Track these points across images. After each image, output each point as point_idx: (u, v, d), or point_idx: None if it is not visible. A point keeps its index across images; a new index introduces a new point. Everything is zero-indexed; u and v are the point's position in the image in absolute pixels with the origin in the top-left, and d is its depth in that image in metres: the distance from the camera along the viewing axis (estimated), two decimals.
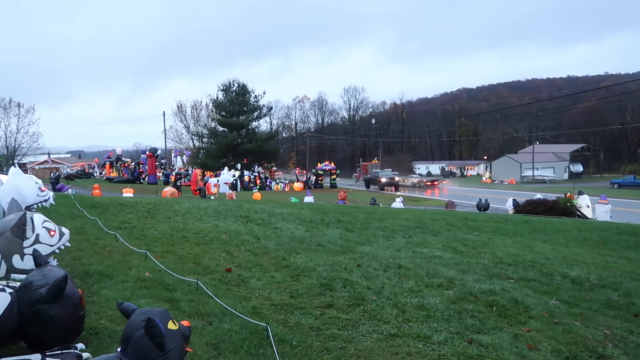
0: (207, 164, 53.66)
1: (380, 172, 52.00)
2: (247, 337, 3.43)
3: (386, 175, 50.18)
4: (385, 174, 51.17)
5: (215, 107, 60.59)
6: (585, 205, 18.93)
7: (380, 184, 47.18)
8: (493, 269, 6.09)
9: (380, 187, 46.73)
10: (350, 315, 4.07)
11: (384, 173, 51.80)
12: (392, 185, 46.95)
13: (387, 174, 51.32)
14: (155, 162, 40.48)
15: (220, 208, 11.48)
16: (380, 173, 51.42)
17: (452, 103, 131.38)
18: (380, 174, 50.51)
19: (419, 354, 3.32)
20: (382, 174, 50.47)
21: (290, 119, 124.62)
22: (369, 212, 12.74)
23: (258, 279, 5.15)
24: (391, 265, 5.99)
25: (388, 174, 50.99)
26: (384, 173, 51.80)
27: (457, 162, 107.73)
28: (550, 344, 3.56)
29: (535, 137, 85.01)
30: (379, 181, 47.79)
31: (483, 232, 9.91)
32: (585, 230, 10.89)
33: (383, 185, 46.78)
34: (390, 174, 51.42)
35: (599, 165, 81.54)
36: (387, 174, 50.74)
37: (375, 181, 49.44)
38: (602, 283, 5.57)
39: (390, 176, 49.87)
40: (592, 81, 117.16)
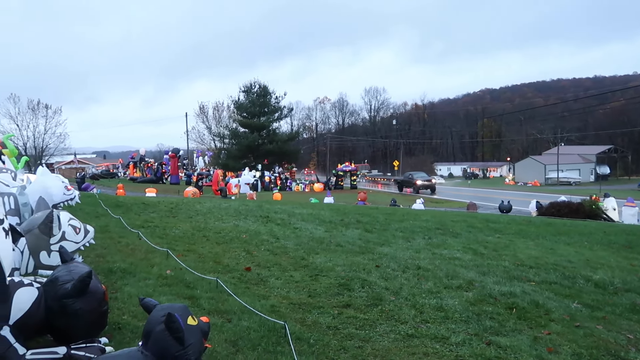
0: (229, 164, 54.17)
1: (415, 175, 48.77)
2: (265, 334, 3.48)
3: (422, 177, 47.31)
4: (420, 176, 48.25)
5: (237, 108, 61.17)
6: (612, 208, 18.51)
7: (416, 186, 44.30)
8: (514, 271, 6.02)
9: (416, 190, 43.86)
10: (368, 315, 4.08)
11: (420, 175, 48.72)
12: (429, 187, 44.36)
13: (423, 176, 48.42)
14: (177, 163, 41.06)
15: (241, 208, 11.60)
16: (416, 175, 48.38)
17: (475, 104, 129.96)
18: (416, 176, 47.53)
19: (436, 354, 3.32)
20: (418, 176, 47.53)
21: (311, 120, 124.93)
22: (389, 213, 12.70)
23: (277, 278, 5.20)
24: (410, 266, 5.98)
25: (424, 176, 48.13)
26: (420, 175, 48.72)
27: (480, 163, 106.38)
28: (571, 348, 3.51)
29: (560, 138, 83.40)
30: (414, 184, 44.94)
31: (505, 234, 9.79)
32: (610, 234, 10.67)
33: (419, 188, 43.95)
34: (426, 177, 48.75)
35: (627, 167, 79.58)
36: (423, 176, 47.76)
37: (409, 184, 46.65)
38: (626, 287, 5.46)
39: (427, 178, 47.29)
40: (620, 81, 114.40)
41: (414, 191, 43.78)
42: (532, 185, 64.27)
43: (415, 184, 44.95)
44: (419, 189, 43.99)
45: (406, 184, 47.60)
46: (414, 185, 45.06)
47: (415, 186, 44.47)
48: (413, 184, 45.42)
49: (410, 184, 46.43)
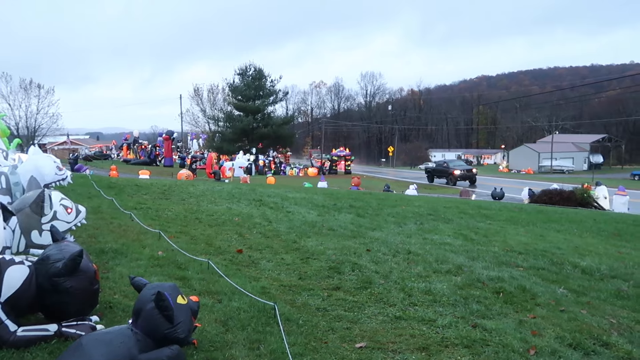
0: (223, 147, 54.05)
1: (451, 163, 40.75)
2: (255, 315, 3.52)
3: (460, 166, 39.16)
4: (458, 164, 40.43)
5: (232, 91, 60.81)
6: (603, 196, 18.68)
7: (453, 177, 36.58)
8: (503, 257, 6.10)
9: (453, 182, 36.37)
10: (357, 298, 4.14)
11: (457, 164, 40.91)
12: (468, 178, 36.60)
13: (460, 164, 40.69)
14: (171, 145, 40.88)
15: (234, 191, 11.61)
16: (452, 164, 40.20)
17: (471, 91, 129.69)
18: (452, 165, 39.37)
19: (423, 336, 3.38)
20: (455, 165, 39.58)
21: (307, 104, 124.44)
22: (382, 199, 12.76)
23: (268, 260, 5.25)
24: (400, 251, 6.04)
25: (462, 165, 40.48)
26: (457, 164, 40.91)
27: (474, 150, 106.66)
28: (555, 331, 3.59)
29: (555, 126, 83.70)
30: (452, 174, 36.92)
31: (496, 220, 9.87)
32: (600, 222, 10.79)
33: (456, 179, 36.40)
34: (464, 165, 41.33)
35: (620, 157, 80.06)
36: (460, 165, 40.08)
37: (444, 173, 38.64)
38: (612, 273, 5.54)
39: (466, 167, 39.21)
40: (616, 70, 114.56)
41: (450, 182, 36.69)
42: (526, 173, 64.60)
43: (452, 174, 36.95)
44: (457, 180, 36.42)
45: (439, 173, 39.97)
46: (450, 176, 37.23)
47: (452, 177, 36.77)
48: (449, 174, 37.47)
49: (444, 173, 38.67)
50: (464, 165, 40.67)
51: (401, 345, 3.22)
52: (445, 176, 38.17)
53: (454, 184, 36.18)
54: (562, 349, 3.27)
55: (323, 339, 3.26)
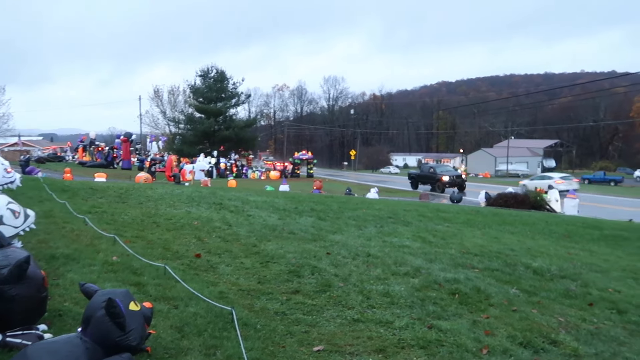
0: (183, 150, 53.15)
1: (438, 168, 37.51)
2: (212, 320, 3.47)
3: (448, 172, 36.20)
4: (446, 169, 37.53)
5: (193, 93, 59.91)
6: (554, 199, 19.43)
7: (442, 183, 33.02)
8: (459, 259, 6.25)
9: (441, 189, 32.57)
10: (316, 301, 4.15)
11: (444, 169, 37.84)
12: (457, 185, 33.02)
13: (448, 170, 37.77)
14: (129, 147, 39.88)
15: (194, 195, 11.42)
16: (439, 169, 37.04)
17: (431, 96, 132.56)
18: (439, 170, 36.02)
19: (380, 338, 3.42)
20: (443, 170, 36.26)
21: (269, 107, 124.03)
22: (343, 202, 12.84)
23: (227, 264, 5.19)
24: (360, 254, 6.09)
25: (451, 171, 37.47)
26: (444, 169, 37.84)
27: (434, 154, 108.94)
28: (507, 330, 3.70)
29: (511, 131, 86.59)
30: (440, 180, 33.41)
31: (453, 223, 10.10)
32: (552, 224, 11.21)
33: (445, 185, 32.79)
34: (453, 171, 38.21)
35: (571, 161, 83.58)
36: (449, 171, 37.00)
37: (431, 179, 34.99)
38: (562, 274, 5.77)
39: (455, 173, 36.32)
40: (568, 78, 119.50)
41: (438, 189, 32.79)
42: (483, 177, 66.48)
43: (440, 180, 33.40)
44: (445, 186, 32.71)
45: (425, 179, 36.22)
46: (438, 183, 33.53)
47: (440, 183, 33.14)
48: (437, 180, 33.87)
49: (431, 179, 35.01)
50: (453, 171, 37.70)
51: (359, 348, 3.25)
52: (432, 182, 34.56)
53: (442, 191, 32.60)
54: (513, 348, 3.37)
55: (281, 343, 3.25)
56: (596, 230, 10.43)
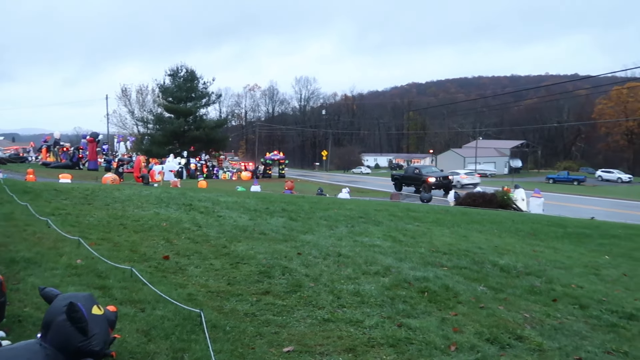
0: (152, 150, 52.17)
1: (424, 169, 35.89)
2: (180, 323, 3.41)
3: (434, 173, 34.40)
4: (432, 171, 35.70)
5: (162, 93, 58.84)
6: (521, 198, 19.90)
7: (428, 185, 31.09)
8: (429, 257, 6.32)
9: (427, 191, 29.40)
10: (287, 302, 4.12)
11: (430, 170, 36.11)
12: (444, 187, 31.59)
13: (434, 171, 35.94)
14: (96, 148, 38.91)
15: (163, 196, 11.22)
16: (425, 170, 35.37)
17: (402, 97, 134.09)
18: (425, 172, 34.31)
19: (350, 337, 3.42)
20: (428, 172, 34.47)
21: (241, 108, 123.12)
22: (315, 202, 12.84)
23: (196, 266, 5.11)
24: (331, 254, 6.10)
25: (437, 172, 35.43)
26: (430, 170, 36.11)
27: (405, 154, 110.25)
28: (474, 327, 3.76)
29: (479, 132, 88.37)
30: (426, 182, 31.66)
31: (423, 222, 10.23)
32: (518, 222, 11.48)
33: (431, 187, 30.72)
34: (439, 172, 36.02)
35: (537, 161, 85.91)
36: (435, 172, 35.12)
37: (416, 181, 33.29)
38: (527, 271, 5.91)
39: (442, 174, 34.33)
40: (533, 81, 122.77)
41: (424, 192, 29.14)
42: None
43: (426, 182, 31.60)
44: (431, 188, 30.66)
45: (409, 181, 34.56)
46: (424, 185, 31.56)
47: (427, 185, 31.15)
48: (422, 182, 32.10)
49: (416, 181, 33.34)
50: (439, 172, 35.83)
51: (329, 348, 3.24)
52: (417, 184, 32.85)
53: (428, 191, 30.06)
54: (480, 344, 3.43)
55: (250, 345, 3.21)
56: (560, 228, 10.73)
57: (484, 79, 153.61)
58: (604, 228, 11.31)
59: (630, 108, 79.19)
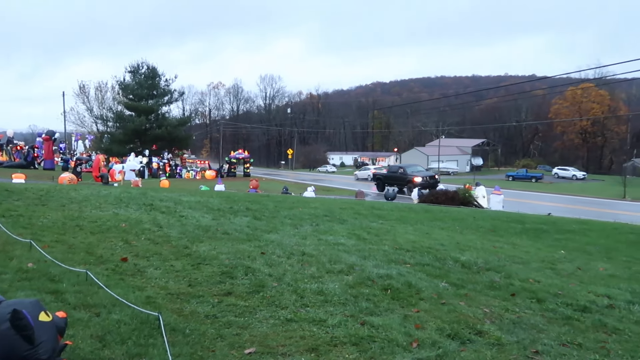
0: (112, 149, 50.71)
1: (408, 168, 33.32)
2: (137, 327, 3.30)
3: (420, 172, 32.14)
4: (417, 170, 33.06)
5: (122, 90, 57.21)
6: (482, 195, 20.40)
7: (412, 185, 28.70)
8: (392, 255, 6.37)
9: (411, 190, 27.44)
10: (249, 302, 4.06)
11: (416, 169, 33.37)
12: (431, 187, 28.52)
13: (420, 170, 33.42)
14: (52, 146, 37.54)
15: (123, 195, 10.92)
16: (410, 169, 32.93)
17: (367, 96, 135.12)
18: (410, 171, 32.11)
19: (313, 337, 3.39)
20: (413, 171, 32.20)
21: (205, 106, 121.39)
22: (279, 201, 12.77)
23: (156, 268, 4.97)
24: (295, 253, 6.06)
25: (422, 171, 33.11)
26: (416, 169, 33.37)
27: (370, 153, 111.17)
28: (436, 323, 3.79)
29: (442, 131, 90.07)
30: (412, 182, 29.64)
31: (387, 220, 10.32)
32: (479, 219, 11.75)
33: (417, 187, 27.11)
34: (424, 171, 33.83)
35: (497, 159, 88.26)
36: (420, 171, 32.82)
37: (401, 181, 31.01)
38: (487, 266, 6.03)
39: (428, 174, 32.44)
40: (493, 81, 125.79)
41: (409, 192, 27.96)
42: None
43: (412, 182, 29.52)
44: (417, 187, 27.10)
45: (393, 181, 31.72)
46: (409, 185, 29.66)
47: (412, 185, 28.81)
48: (408, 182, 30.27)
49: (401, 181, 31.05)
50: (424, 171, 33.62)
51: (291, 348, 3.20)
52: (402, 184, 30.54)
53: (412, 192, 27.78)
54: (441, 340, 3.46)
55: (211, 348, 3.13)
56: (519, 224, 11.04)
57: (446, 78, 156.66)
58: (560, 224, 11.71)
59: (584, 108, 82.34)
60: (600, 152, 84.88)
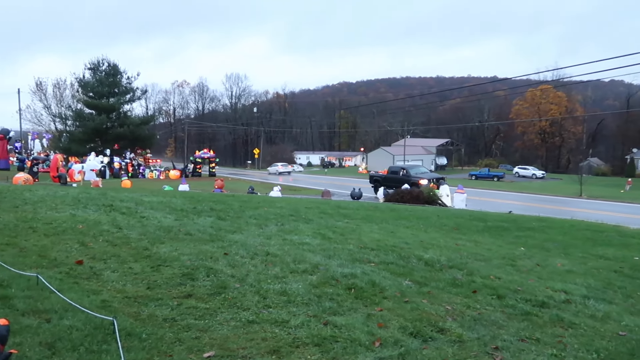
0: (71, 148, 49.15)
1: (412, 169, 29.94)
2: (90, 333, 3.16)
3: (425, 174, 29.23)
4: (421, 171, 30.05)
5: (82, 87, 55.52)
6: (445, 194, 20.75)
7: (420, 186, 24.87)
8: (357, 254, 6.37)
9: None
10: (210, 304, 3.96)
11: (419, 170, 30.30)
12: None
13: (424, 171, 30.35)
14: (7, 145, 36.07)
15: (81, 196, 10.56)
16: (413, 170, 29.76)
17: (333, 95, 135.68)
18: (414, 172, 29.08)
19: (274, 338, 3.33)
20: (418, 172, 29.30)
21: (169, 104, 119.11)
22: (245, 201, 12.63)
23: (113, 270, 4.79)
24: (259, 253, 5.97)
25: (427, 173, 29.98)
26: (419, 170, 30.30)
27: (337, 152, 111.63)
28: (398, 322, 3.80)
29: (407, 131, 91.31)
30: (417, 184, 26.07)
31: (353, 219, 10.35)
32: (443, 217, 11.93)
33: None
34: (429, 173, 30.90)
35: (461, 159, 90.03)
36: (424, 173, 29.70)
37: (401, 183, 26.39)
38: (450, 264, 6.11)
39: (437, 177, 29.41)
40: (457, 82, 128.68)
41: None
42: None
43: (418, 185, 25.88)
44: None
45: (393, 183, 28.00)
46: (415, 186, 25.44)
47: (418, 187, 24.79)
48: (412, 184, 26.24)
49: (402, 184, 26.23)
50: (430, 173, 30.24)
51: (252, 350, 3.13)
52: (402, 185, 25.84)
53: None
54: (404, 338, 3.46)
55: (168, 352, 3.03)
56: (481, 222, 11.27)
57: (411, 79, 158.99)
58: (521, 221, 12.02)
59: (543, 109, 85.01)
60: (558, 151, 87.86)
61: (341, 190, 32.60)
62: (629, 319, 4.33)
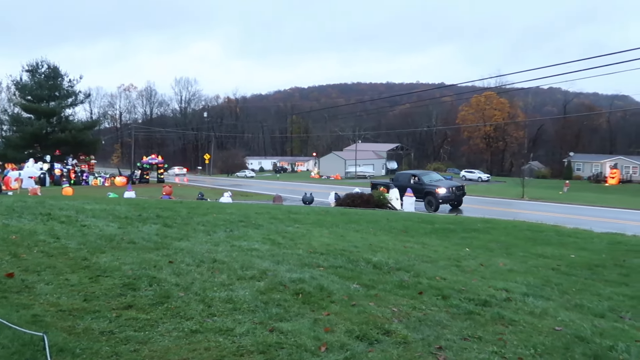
0: (7, 155, 46.54)
1: (425, 176, 25.25)
2: (17, 350, 2.95)
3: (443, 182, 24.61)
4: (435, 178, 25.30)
5: (19, 90, 52.74)
6: (395, 198, 21.09)
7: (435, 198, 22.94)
8: (306, 258, 6.34)
9: (434, 206, 22.62)
10: (151, 315, 3.81)
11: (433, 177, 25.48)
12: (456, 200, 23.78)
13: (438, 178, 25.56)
14: None
15: (16, 205, 10.00)
16: (427, 177, 25.07)
17: (285, 101, 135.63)
18: (428, 180, 24.49)
19: (218, 348, 3.24)
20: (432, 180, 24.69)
21: (115, 109, 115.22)
22: (193, 207, 12.35)
23: (47, 283, 4.53)
24: (206, 260, 5.83)
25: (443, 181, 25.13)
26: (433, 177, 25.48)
27: (289, 157, 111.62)
28: (345, 325, 3.79)
29: (358, 136, 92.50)
30: (433, 194, 23.10)
31: (303, 224, 10.32)
32: (392, 220, 12.11)
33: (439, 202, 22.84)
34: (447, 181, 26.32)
35: (410, 163, 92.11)
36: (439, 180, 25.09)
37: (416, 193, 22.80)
38: (398, 266, 6.19)
39: (455, 185, 24.62)
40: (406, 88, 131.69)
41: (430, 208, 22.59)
42: (334, 179, 69.84)
43: (433, 194, 23.14)
44: (439, 203, 22.84)
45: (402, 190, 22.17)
46: (428, 197, 23.32)
47: (433, 199, 23.00)
48: (426, 193, 23.44)
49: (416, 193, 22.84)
50: (446, 181, 25.75)
51: None
52: (418, 196, 22.92)
53: (436, 209, 22.37)
54: (350, 342, 3.45)
55: None
56: (429, 224, 11.52)
57: (362, 85, 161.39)
58: (466, 223, 12.38)
59: (487, 115, 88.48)
60: (502, 155, 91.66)
61: (293, 195, 32.54)
62: (565, 314, 4.52)
